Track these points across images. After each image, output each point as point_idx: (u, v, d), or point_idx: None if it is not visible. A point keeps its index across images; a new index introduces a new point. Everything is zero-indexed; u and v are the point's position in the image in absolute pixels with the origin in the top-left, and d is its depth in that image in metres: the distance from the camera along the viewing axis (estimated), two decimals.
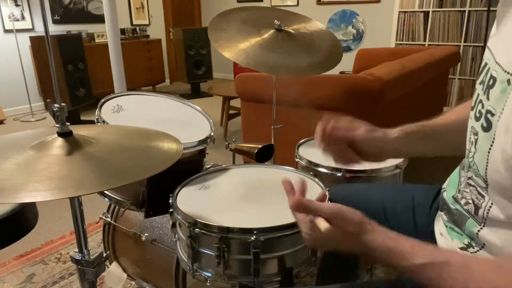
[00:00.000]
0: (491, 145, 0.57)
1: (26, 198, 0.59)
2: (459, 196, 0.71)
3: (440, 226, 0.77)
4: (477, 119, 0.62)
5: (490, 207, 0.61)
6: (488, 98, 0.60)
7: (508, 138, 0.54)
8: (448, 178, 0.80)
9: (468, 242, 0.67)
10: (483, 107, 0.61)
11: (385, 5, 5.07)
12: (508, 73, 0.56)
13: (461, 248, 0.68)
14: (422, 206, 0.88)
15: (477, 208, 0.64)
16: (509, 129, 0.54)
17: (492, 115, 0.58)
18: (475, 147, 0.62)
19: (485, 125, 0.59)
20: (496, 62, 0.60)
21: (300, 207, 0.67)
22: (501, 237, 0.60)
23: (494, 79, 0.59)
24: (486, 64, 0.64)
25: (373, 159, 0.88)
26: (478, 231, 0.64)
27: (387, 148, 0.85)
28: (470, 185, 0.66)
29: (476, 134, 0.62)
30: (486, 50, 0.65)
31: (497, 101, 0.57)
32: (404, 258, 0.58)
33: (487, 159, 0.58)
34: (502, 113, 0.56)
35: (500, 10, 0.64)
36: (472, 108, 0.65)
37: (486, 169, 0.59)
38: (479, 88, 0.64)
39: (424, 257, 0.57)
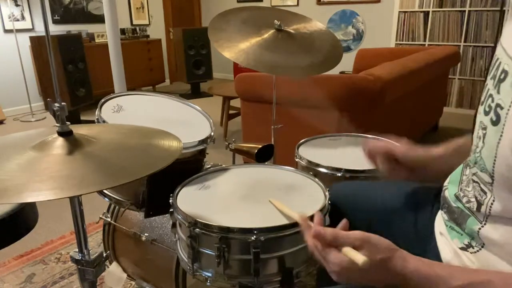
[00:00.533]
0: (500, 139, 0.57)
1: (29, 198, 0.59)
2: (461, 194, 0.71)
3: (440, 225, 0.77)
4: (486, 113, 0.62)
5: (492, 203, 0.61)
6: (498, 92, 0.60)
7: None
8: (449, 176, 0.80)
9: (468, 242, 0.67)
10: (493, 101, 0.61)
11: (385, 5, 5.07)
12: None
13: (461, 248, 0.68)
14: (423, 205, 0.88)
15: (479, 205, 0.64)
16: None
17: (501, 108, 0.58)
18: (483, 141, 0.62)
19: (494, 119, 0.59)
20: (509, 56, 0.60)
21: (323, 236, 0.63)
22: (503, 234, 0.60)
23: (506, 73, 0.59)
24: (498, 59, 0.64)
25: (419, 177, 0.88)
26: (479, 229, 0.64)
27: (427, 166, 0.86)
28: (473, 181, 0.66)
29: (484, 128, 0.62)
30: (498, 47, 0.65)
31: (507, 95, 0.57)
32: (441, 283, 0.56)
33: (496, 153, 0.58)
34: (511, 106, 0.56)
35: (510, 6, 0.64)
36: (482, 103, 0.65)
37: (494, 163, 0.59)
38: (490, 83, 0.64)
39: (461, 279, 0.55)
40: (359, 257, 0.57)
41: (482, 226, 0.63)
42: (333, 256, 0.61)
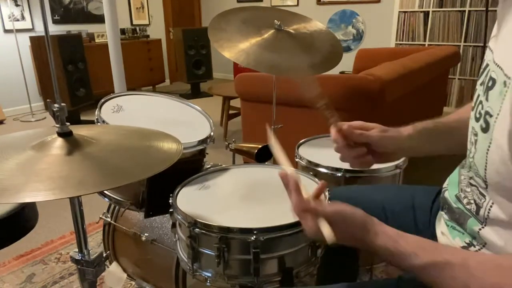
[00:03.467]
0: (489, 146, 0.58)
1: (28, 198, 0.59)
2: (462, 195, 0.71)
3: (441, 225, 0.77)
4: (477, 120, 0.63)
5: (491, 207, 0.61)
6: (487, 99, 0.60)
7: (504, 139, 0.54)
8: (448, 178, 0.80)
9: (470, 241, 0.67)
10: (482, 108, 0.61)
11: (385, 5, 5.06)
12: (506, 75, 0.56)
13: (463, 247, 0.68)
14: (422, 206, 0.88)
15: (478, 207, 0.64)
16: (504, 130, 0.54)
17: (490, 116, 0.58)
18: (475, 147, 0.63)
19: (484, 126, 0.60)
20: (496, 63, 0.60)
21: (302, 206, 0.67)
22: (502, 236, 0.60)
23: (493, 80, 0.59)
24: (487, 65, 0.64)
25: (387, 159, 0.87)
26: (479, 230, 0.64)
27: (401, 147, 0.84)
28: (471, 185, 0.67)
29: (476, 134, 0.63)
30: (487, 51, 0.66)
31: (495, 102, 0.58)
32: (404, 259, 0.59)
33: (486, 159, 0.59)
34: (499, 114, 0.56)
35: (500, 11, 0.64)
36: (473, 109, 0.66)
37: (486, 169, 0.59)
38: (479, 89, 0.65)
39: (424, 258, 0.57)
40: (328, 235, 0.61)
41: (482, 227, 0.64)
42: (309, 221, 0.65)
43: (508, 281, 0.51)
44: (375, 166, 1.18)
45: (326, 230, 0.62)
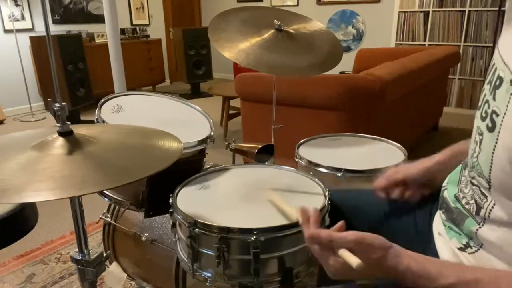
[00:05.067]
0: (495, 145, 0.57)
1: (29, 198, 0.58)
2: (461, 195, 0.71)
3: (438, 225, 0.77)
4: (483, 119, 0.62)
5: (493, 207, 0.61)
6: (494, 99, 0.60)
7: (510, 138, 0.54)
8: (448, 177, 0.80)
9: (466, 242, 0.67)
10: (489, 107, 0.61)
11: (385, 5, 5.07)
12: None
13: (459, 248, 0.68)
14: (422, 205, 0.88)
15: (479, 208, 0.64)
16: (511, 129, 0.54)
17: (497, 115, 0.58)
18: (479, 147, 0.62)
19: (490, 125, 0.60)
20: (504, 63, 0.60)
21: (318, 240, 0.64)
22: (500, 236, 0.60)
23: (501, 79, 0.59)
24: (494, 64, 0.64)
25: (427, 189, 0.89)
26: (477, 230, 0.64)
27: (434, 173, 0.87)
28: (473, 184, 0.66)
29: (481, 134, 0.62)
30: (496, 50, 0.65)
31: (502, 102, 0.57)
32: (431, 280, 0.57)
33: (491, 159, 0.58)
34: (506, 113, 0.56)
35: (508, 10, 0.63)
36: (479, 108, 0.65)
37: (490, 169, 0.59)
38: (487, 88, 0.64)
39: (451, 277, 0.56)
40: (353, 260, 0.59)
41: (480, 227, 0.63)
42: (329, 259, 0.62)
43: None
44: (375, 166, 1.19)
45: (353, 259, 0.59)
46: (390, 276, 0.60)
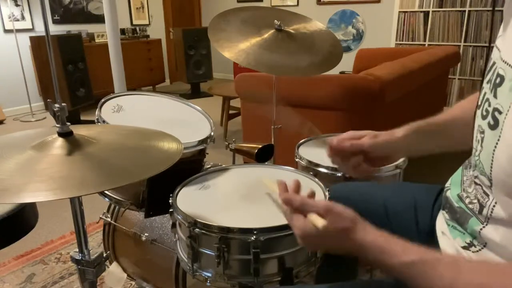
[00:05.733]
0: (497, 143, 0.57)
1: (29, 198, 0.59)
2: (464, 194, 0.71)
3: (441, 225, 0.77)
4: (484, 117, 0.62)
5: (494, 206, 0.61)
6: (495, 97, 0.60)
7: None
8: (450, 178, 0.80)
9: (470, 241, 0.67)
10: (490, 105, 0.61)
11: (385, 5, 5.06)
12: None
13: (463, 247, 0.68)
14: (423, 205, 0.88)
15: (481, 207, 0.64)
16: None
17: (500, 113, 0.58)
18: (481, 145, 0.62)
19: (492, 123, 0.59)
20: (503, 61, 0.60)
21: (291, 202, 0.67)
22: (504, 235, 0.60)
23: (501, 77, 0.59)
24: (494, 63, 0.64)
25: (383, 162, 0.89)
26: (481, 229, 0.64)
27: (396, 149, 0.86)
28: (476, 183, 0.66)
29: (482, 132, 0.62)
30: (494, 49, 0.65)
31: (505, 99, 0.57)
32: (394, 256, 0.58)
33: (492, 157, 0.58)
34: (509, 111, 0.56)
35: (506, 11, 0.64)
36: (479, 107, 0.65)
37: (491, 167, 0.59)
38: (486, 87, 0.64)
39: (414, 255, 0.57)
40: (319, 222, 0.61)
41: (484, 227, 0.63)
42: (298, 220, 0.65)
43: (497, 282, 0.51)
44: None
45: (319, 221, 0.61)
46: (352, 249, 0.62)
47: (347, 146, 0.84)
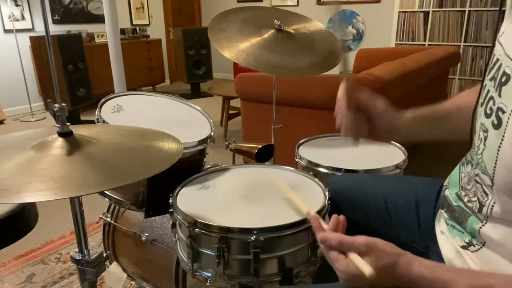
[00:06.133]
0: (501, 143, 0.57)
1: (29, 198, 0.59)
2: (463, 193, 0.70)
3: (441, 224, 0.77)
4: (488, 116, 0.61)
5: (493, 205, 0.61)
6: (500, 95, 0.59)
7: None
8: (448, 177, 0.80)
9: (469, 240, 0.67)
10: (494, 104, 0.60)
11: (385, 5, 5.06)
12: None
13: (462, 247, 0.68)
14: (425, 201, 0.86)
15: (481, 205, 0.64)
16: None
17: (503, 112, 0.57)
18: (484, 144, 0.62)
19: (495, 122, 0.59)
20: (508, 56, 0.59)
21: (328, 241, 0.64)
22: (503, 234, 0.60)
23: (507, 76, 0.58)
24: (497, 59, 0.62)
25: (383, 137, 0.86)
26: (480, 228, 0.64)
27: (399, 127, 0.84)
28: (476, 182, 0.66)
29: (486, 131, 0.61)
30: (497, 45, 0.64)
31: (509, 99, 0.57)
32: (444, 286, 0.57)
33: (496, 157, 0.58)
34: None
35: (510, 7, 0.63)
36: (482, 105, 0.64)
37: (495, 167, 0.58)
38: (490, 84, 0.63)
39: (464, 283, 0.55)
40: (366, 268, 0.58)
41: (483, 225, 0.63)
42: (340, 263, 0.62)
43: None
44: (375, 166, 1.19)
45: (366, 268, 0.58)
46: (401, 283, 0.59)
47: (364, 99, 0.81)
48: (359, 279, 0.60)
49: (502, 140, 0.57)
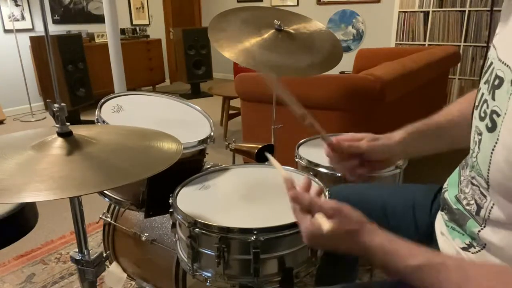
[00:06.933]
0: (495, 146, 0.57)
1: (29, 198, 0.59)
2: (461, 196, 0.70)
3: (441, 225, 0.77)
4: (482, 119, 0.62)
5: (492, 207, 0.61)
6: (493, 98, 0.59)
7: (511, 139, 0.53)
8: (448, 179, 0.80)
9: (470, 242, 0.67)
10: (488, 107, 0.60)
11: (385, 5, 5.06)
12: None
13: (463, 248, 0.68)
14: (422, 206, 0.87)
15: (479, 208, 0.64)
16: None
17: (498, 115, 0.57)
18: (478, 147, 0.62)
19: (489, 125, 0.59)
20: (500, 60, 0.59)
21: (299, 200, 0.66)
22: (502, 238, 0.60)
23: (500, 79, 0.58)
24: (491, 63, 0.63)
25: (381, 166, 0.88)
26: (479, 231, 0.64)
27: (393, 153, 0.85)
28: (473, 184, 0.66)
29: (480, 134, 0.62)
30: (491, 48, 0.65)
31: (503, 102, 0.57)
32: (400, 260, 0.58)
33: (490, 159, 0.58)
34: (507, 114, 0.55)
35: (504, 10, 0.63)
36: (476, 108, 0.65)
37: (489, 170, 0.59)
38: (484, 88, 0.64)
39: (420, 259, 0.57)
40: (326, 224, 0.60)
41: (482, 229, 0.63)
42: (305, 220, 0.64)
43: (507, 285, 0.50)
44: None
45: (326, 223, 0.60)
46: (360, 251, 0.62)
47: (345, 146, 0.84)
48: (319, 237, 0.62)
49: (496, 143, 0.57)
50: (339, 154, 0.85)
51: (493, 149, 0.57)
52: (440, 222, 0.78)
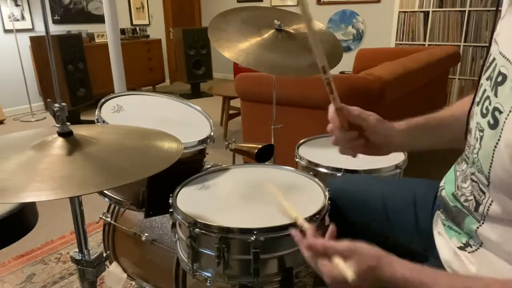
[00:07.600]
0: (497, 143, 0.57)
1: (29, 197, 0.59)
2: (459, 193, 0.70)
3: (438, 225, 0.77)
4: (484, 115, 0.61)
5: (491, 204, 0.61)
6: (496, 95, 0.59)
7: None
8: (445, 177, 0.80)
9: (466, 241, 0.67)
10: (490, 103, 0.60)
11: (385, 5, 5.06)
12: None
13: (459, 248, 0.68)
14: (423, 202, 0.87)
15: (478, 204, 0.64)
16: None
17: (500, 112, 0.57)
18: (480, 143, 0.62)
19: (492, 122, 0.59)
20: (502, 55, 0.59)
21: (313, 248, 0.65)
22: (500, 234, 0.60)
23: (504, 76, 0.58)
24: (494, 59, 0.63)
25: (378, 151, 0.86)
26: (477, 228, 0.64)
27: (393, 140, 0.84)
28: (472, 180, 0.66)
29: (482, 130, 0.61)
30: (493, 44, 0.64)
31: (506, 99, 0.56)
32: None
33: (492, 156, 0.58)
34: (511, 111, 0.55)
35: (505, 5, 0.63)
36: (478, 104, 0.64)
37: (490, 166, 0.58)
38: (486, 84, 0.63)
39: (445, 285, 0.56)
40: (348, 273, 0.59)
41: (480, 225, 0.63)
42: (325, 268, 0.63)
43: None
44: (375, 166, 1.19)
45: (349, 272, 0.59)
46: (384, 285, 0.60)
47: (354, 114, 0.81)
48: (344, 283, 0.61)
49: (499, 140, 0.57)
50: (342, 122, 0.83)
51: (495, 146, 0.57)
52: (438, 221, 0.78)
